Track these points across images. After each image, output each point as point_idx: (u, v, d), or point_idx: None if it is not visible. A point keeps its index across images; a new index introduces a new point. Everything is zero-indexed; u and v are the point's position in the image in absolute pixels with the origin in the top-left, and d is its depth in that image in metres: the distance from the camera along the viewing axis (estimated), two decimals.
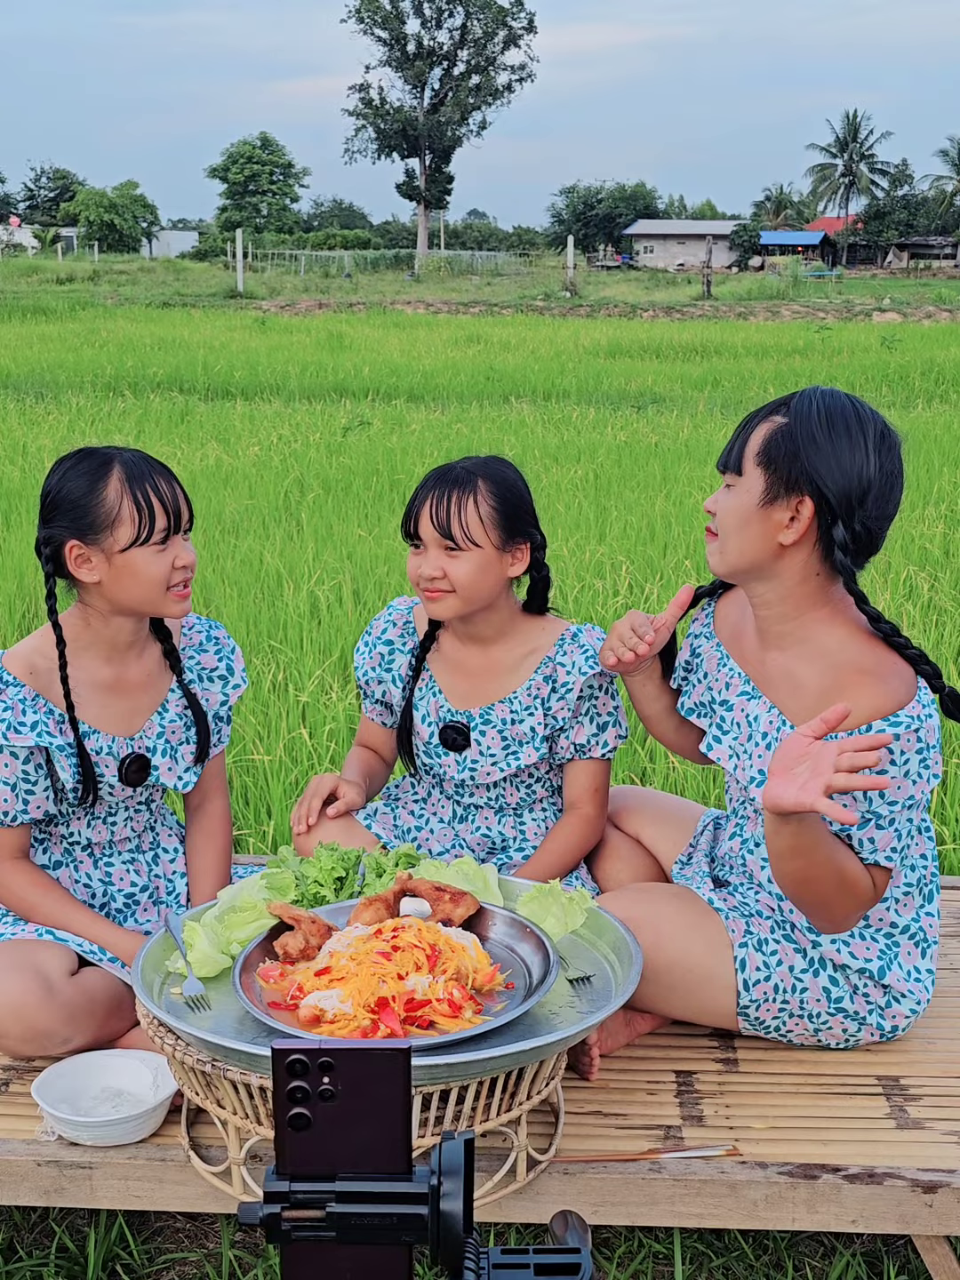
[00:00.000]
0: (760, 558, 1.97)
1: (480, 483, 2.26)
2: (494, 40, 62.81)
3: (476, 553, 2.25)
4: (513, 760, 2.38)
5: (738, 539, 1.97)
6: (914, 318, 25.69)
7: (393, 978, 1.70)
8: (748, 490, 1.96)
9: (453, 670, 2.42)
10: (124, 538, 2.04)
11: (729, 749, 2.11)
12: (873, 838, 1.91)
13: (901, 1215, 1.80)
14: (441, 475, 2.28)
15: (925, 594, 5.60)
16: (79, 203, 69.45)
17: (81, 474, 2.06)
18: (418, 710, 2.43)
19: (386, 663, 2.46)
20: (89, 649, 2.15)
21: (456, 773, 2.41)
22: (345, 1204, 0.90)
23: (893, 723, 1.88)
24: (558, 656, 2.36)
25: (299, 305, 29.04)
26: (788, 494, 1.93)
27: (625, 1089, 2.02)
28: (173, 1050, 1.71)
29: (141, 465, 2.07)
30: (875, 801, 1.89)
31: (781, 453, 1.92)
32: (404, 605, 2.50)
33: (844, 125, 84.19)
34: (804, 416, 1.93)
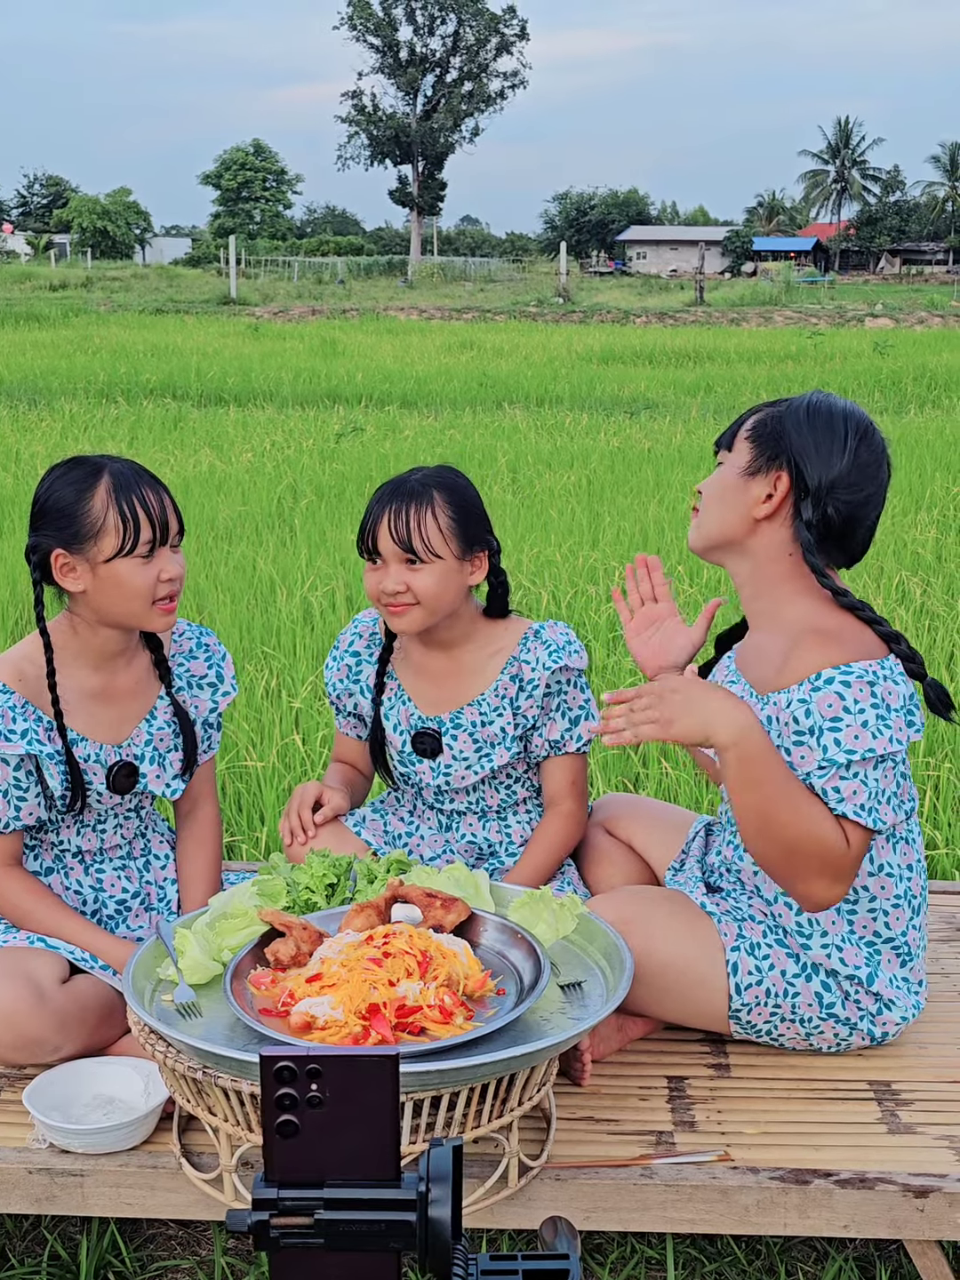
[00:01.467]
0: (735, 530, 2.05)
1: (435, 494, 2.27)
2: (486, 47, 62.90)
3: (438, 564, 2.26)
4: (485, 763, 2.38)
5: (717, 509, 2.07)
6: (906, 323, 25.76)
7: (384, 984, 1.70)
8: (733, 464, 2.07)
9: (420, 677, 2.42)
10: (108, 548, 2.04)
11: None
12: (836, 786, 1.89)
13: (893, 1220, 1.80)
14: (395, 489, 2.28)
15: (917, 599, 5.62)
16: (72, 209, 69.49)
17: (70, 483, 2.06)
18: (388, 720, 2.44)
19: (354, 674, 2.47)
20: (77, 657, 2.15)
21: (432, 779, 2.41)
22: (333, 1211, 0.90)
23: (843, 671, 1.90)
24: (522, 655, 2.36)
25: (292, 312, 29.06)
26: (768, 467, 2.02)
27: (617, 1094, 2.02)
28: (164, 1057, 1.70)
29: (130, 475, 2.07)
30: (830, 750, 1.88)
31: (768, 430, 2.04)
32: (369, 618, 2.50)
33: (836, 131, 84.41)
34: (795, 405, 2.06)
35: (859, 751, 1.89)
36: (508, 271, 53.18)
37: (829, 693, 1.90)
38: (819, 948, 2.05)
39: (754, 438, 2.05)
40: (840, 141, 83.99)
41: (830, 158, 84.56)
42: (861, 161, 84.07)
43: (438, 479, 2.30)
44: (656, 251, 74.67)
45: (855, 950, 2.06)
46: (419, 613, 2.27)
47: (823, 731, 1.89)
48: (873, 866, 2.05)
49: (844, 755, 1.89)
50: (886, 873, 2.06)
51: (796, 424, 2.02)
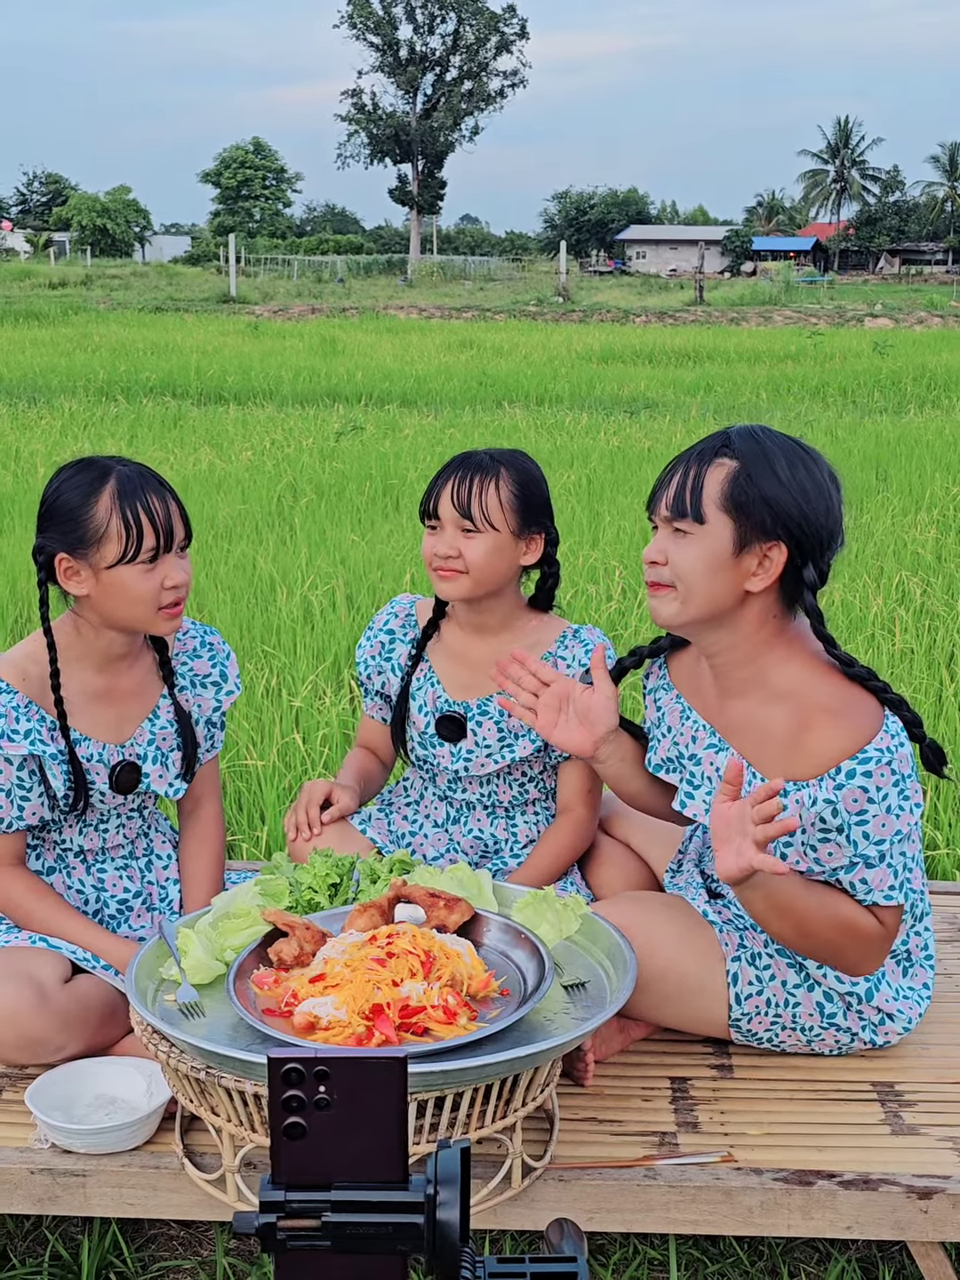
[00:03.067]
0: (725, 607, 1.92)
1: (503, 469, 2.31)
2: (486, 46, 62.84)
3: (492, 535, 2.28)
4: (508, 753, 2.38)
5: (706, 589, 1.90)
6: (906, 323, 25.76)
7: (387, 984, 1.69)
8: (714, 539, 1.89)
9: (453, 660, 2.43)
10: (111, 555, 2.02)
11: (703, 804, 2.07)
12: (864, 878, 1.90)
13: (896, 1221, 1.80)
14: (465, 459, 2.33)
15: (917, 599, 5.61)
16: (71, 207, 69.47)
17: (77, 486, 2.04)
18: (414, 699, 2.44)
19: (387, 652, 2.47)
20: (81, 657, 2.14)
21: (451, 763, 2.41)
22: (341, 1213, 0.90)
23: (862, 760, 1.86)
24: (559, 651, 2.37)
25: (292, 310, 29.04)
26: (759, 539, 1.88)
27: (620, 1095, 2.02)
28: (167, 1057, 1.70)
29: (136, 481, 2.04)
30: (860, 844, 1.89)
31: (749, 498, 1.87)
32: (406, 600, 2.52)
33: (835, 131, 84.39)
34: (758, 458, 1.89)
35: (887, 840, 1.89)
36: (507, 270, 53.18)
37: (853, 788, 1.87)
38: (815, 966, 2.04)
39: (732, 509, 1.87)
40: (840, 141, 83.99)
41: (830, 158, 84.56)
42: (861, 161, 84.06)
43: (508, 457, 2.34)
44: (656, 251, 74.67)
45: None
46: (466, 581, 2.30)
47: (850, 828, 1.88)
48: None
49: (874, 849, 1.89)
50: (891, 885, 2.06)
51: (776, 482, 1.86)
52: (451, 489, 2.29)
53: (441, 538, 2.30)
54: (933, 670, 4.77)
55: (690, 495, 1.90)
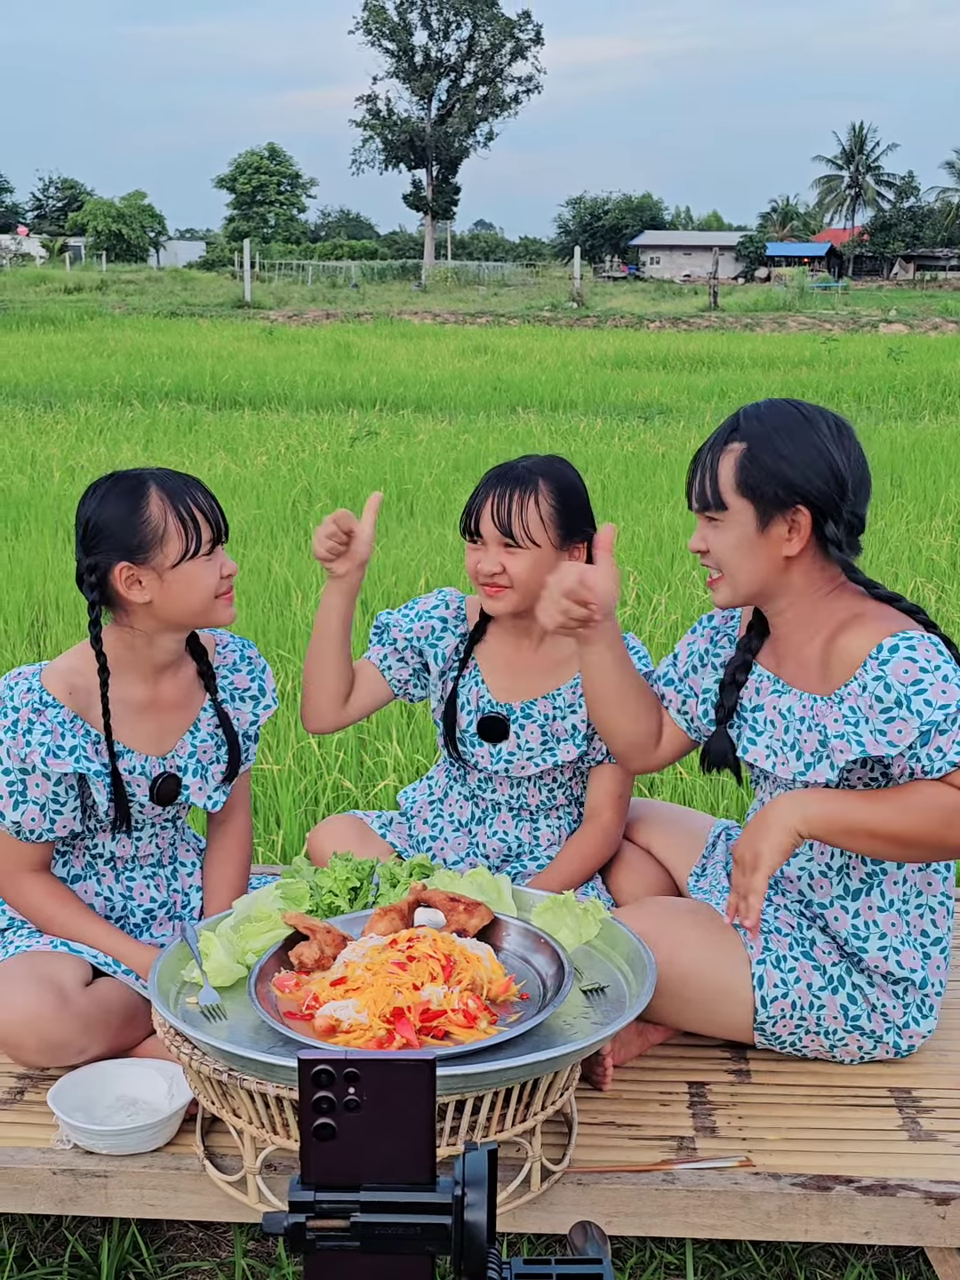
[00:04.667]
0: (770, 577, 2.01)
1: (541, 482, 2.29)
2: (501, 52, 62.94)
3: (535, 551, 2.28)
4: (549, 756, 2.39)
5: (748, 568, 2.00)
6: (920, 329, 25.71)
7: (408, 988, 1.70)
8: (739, 522, 1.99)
9: (498, 663, 2.43)
10: (174, 553, 2.05)
11: (766, 748, 2.09)
12: (939, 746, 1.87)
13: (914, 1227, 1.80)
14: (503, 474, 2.31)
15: (933, 605, 5.61)
16: (87, 212, 69.70)
17: (119, 497, 2.06)
18: (460, 695, 2.44)
19: (434, 637, 2.45)
20: (128, 670, 2.15)
21: (490, 764, 2.41)
22: (369, 1214, 0.91)
23: (904, 638, 1.90)
24: None
25: (306, 315, 29.11)
26: (780, 511, 1.96)
27: (638, 1100, 2.03)
28: (189, 1059, 1.71)
29: (177, 481, 2.09)
30: (925, 712, 1.86)
31: (757, 477, 1.96)
32: (455, 595, 2.51)
33: (850, 137, 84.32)
34: (760, 436, 1.97)
35: (952, 704, 1.87)
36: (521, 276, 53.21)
37: (899, 660, 1.89)
38: (876, 950, 2.04)
39: (747, 491, 1.97)
40: (854, 147, 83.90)
41: (844, 163, 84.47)
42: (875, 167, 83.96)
43: (545, 467, 2.32)
44: (670, 256, 74.66)
45: (912, 953, 2.06)
46: (513, 596, 2.30)
47: (910, 699, 1.88)
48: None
49: (940, 713, 1.87)
50: (934, 869, 2.07)
51: (777, 454, 1.95)
52: (491, 507, 2.27)
53: (485, 555, 2.29)
54: None
55: (709, 485, 2.00)
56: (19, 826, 2.08)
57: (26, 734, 2.05)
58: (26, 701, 2.07)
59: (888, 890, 2.05)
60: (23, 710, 2.06)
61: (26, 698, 2.07)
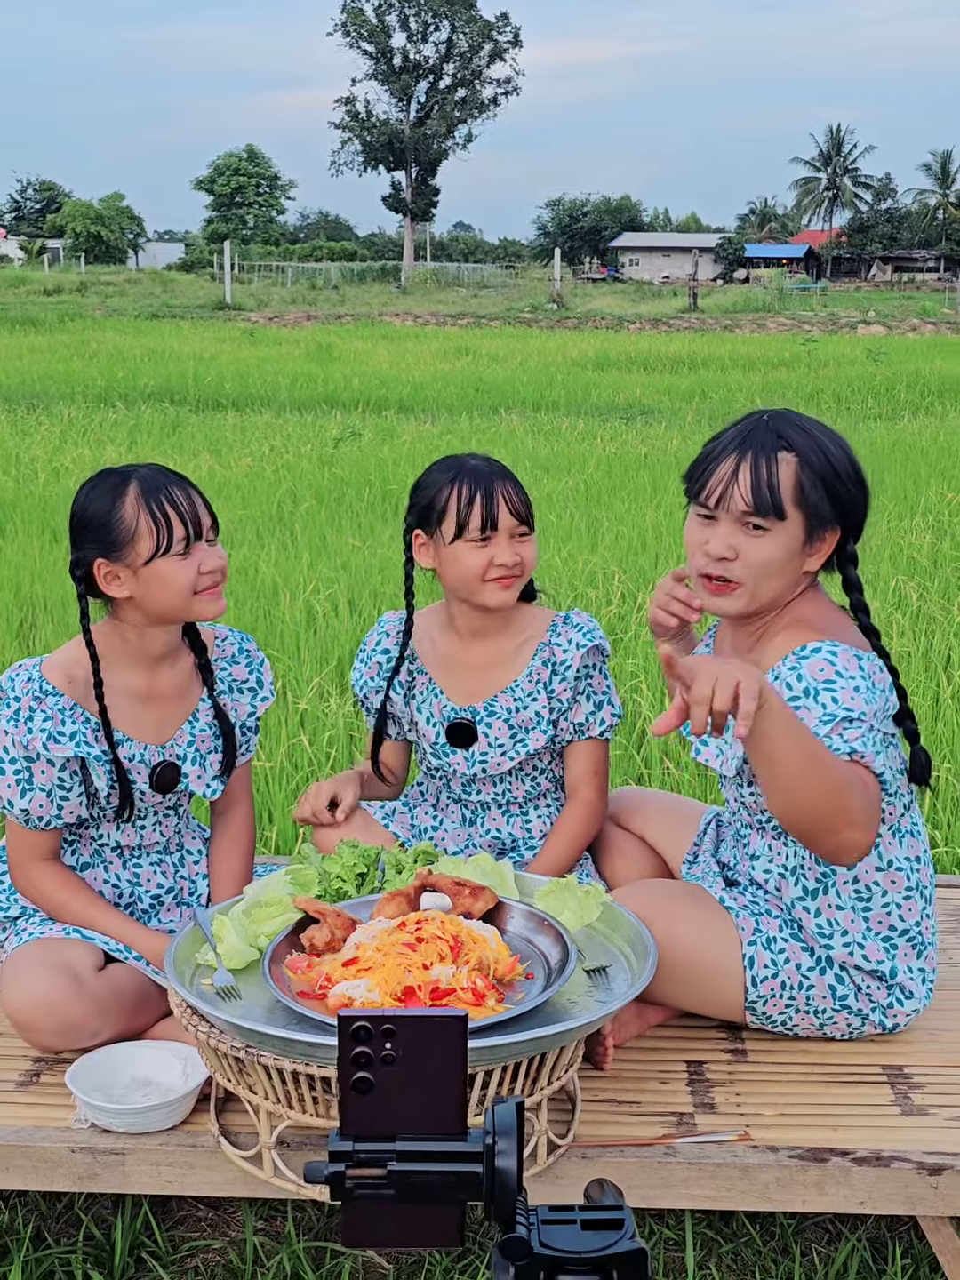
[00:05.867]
0: (787, 591, 2.05)
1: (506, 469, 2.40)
2: (480, 54, 63.04)
3: (532, 535, 2.39)
4: (521, 748, 2.44)
5: (778, 581, 2.01)
6: (899, 330, 25.89)
7: (418, 968, 1.76)
8: (790, 534, 1.99)
9: (452, 669, 2.48)
10: (145, 550, 2.09)
11: (715, 748, 2.15)
12: (841, 733, 1.86)
13: (908, 1197, 1.86)
14: (481, 472, 2.35)
15: (914, 603, 5.68)
16: (65, 214, 69.50)
17: (101, 494, 2.12)
18: (420, 713, 2.49)
19: (385, 673, 2.51)
20: (123, 661, 2.20)
21: (467, 769, 2.47)
22: (405, 1163, 0.96)
23: (829, 645, 1.93)
24: (553, 639, 2.43)
25: (287, 317, 29.11)
26: (825, 527, 2.01)
27: (638, 1078, 2.08)
28: (207, 1037, 1.76)
29: (157, 478, 2.13)
30: (829, 706, 1.87)
31: (817, 493, 1.98)
32: (393, 618, 2.56)
33: (828, 139, 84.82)
34: (813, 450, 1.99)
35: (856, 710, 1.88)
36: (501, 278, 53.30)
37: (819, 659, 1.93)
38: (841, 947, 2.10)
39: (804, 504, 1.98)
40: (832, 149, 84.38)
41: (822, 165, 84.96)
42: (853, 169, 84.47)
43: (491, 459, 2.42)
44: (649, 258, 74.90)
45: (876, 946, 2.12)
46: (518, 584, 2.38)
47: (818, 691, 1.90)
48: (881, 862, 2.10)
49: (843, 710, 1.87)
50: (896, 867, 2.12)
51: (835, 477, 1.98)
52: (503, 498, 2.33)
53: (501, 548, 2.33)
54: (930, 673, 4.84)
55: (770, 493, 1.97)
56: (27, 814, 2.13)
57: (28, 721, 2.10)
58: (27, 690, 2.12)
59: (841, 890, 2.10)
60: (24, 699, 2.11)
61: (27, 687, 2.13)
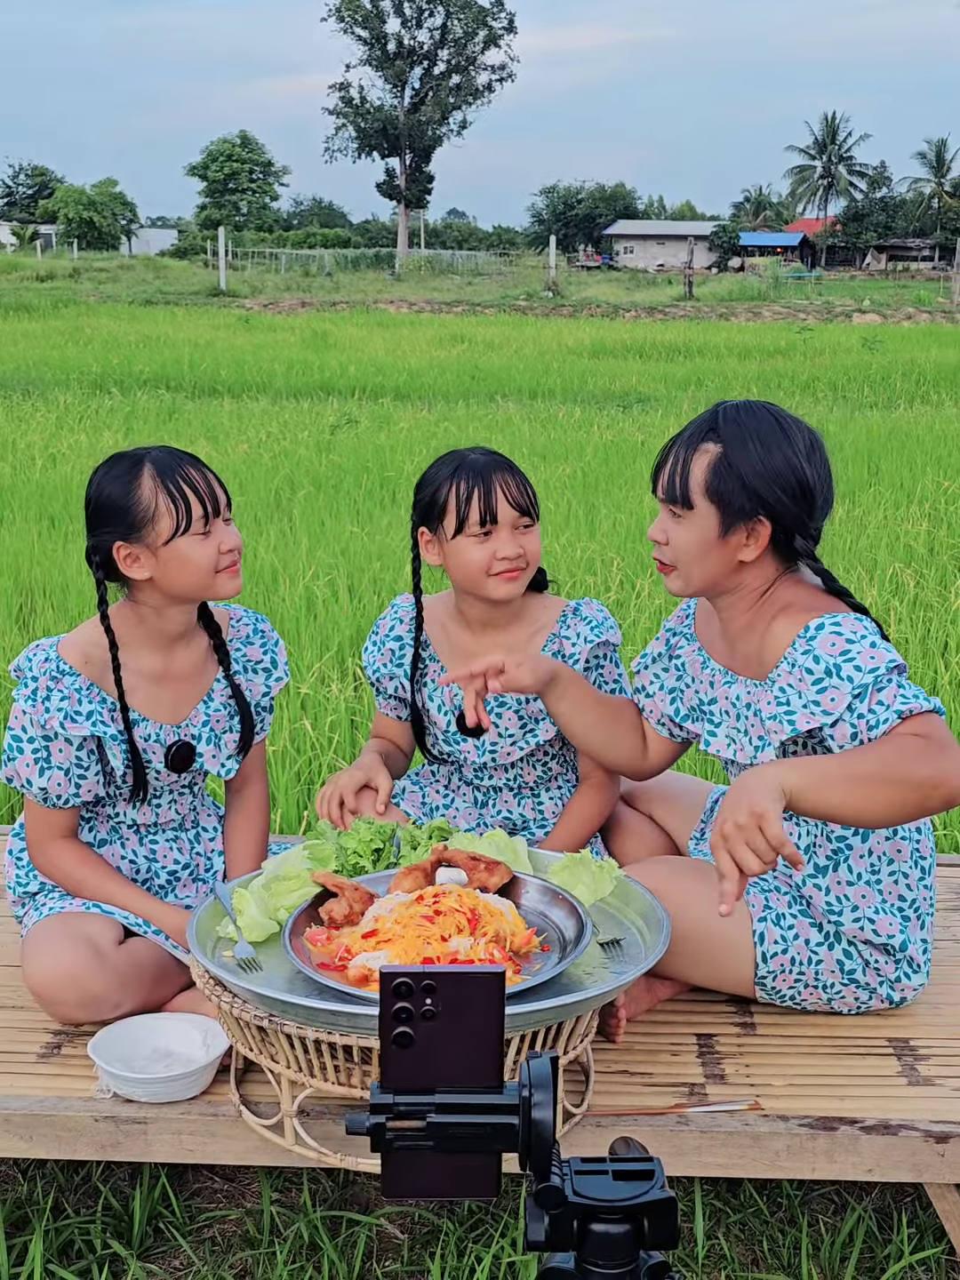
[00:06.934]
0: (723, 577, 2.10)
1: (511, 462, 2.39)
2: (474, 40, 62.83)
3: (536, 526, 2.39)
4: (531, 738, 2.46)
5: (699, 568, 2.08)
6: (894, 319, 25.91)
7: (437, 939, 1.79)
8: (701, 525, 2.05)
9: (463, 659, 2.49)
10: (165, 530, 2.12)
11: (726, 738, 2.19)
12: (879, 700, 1.91)
13: (915, 1165, 1.90)
14: (483, 465, 2.35)
15: (911, 590, 5.72)
16: (58, 200, 69.22)
17: (115, 478, 2.14)
18: (432, 701, 2.51)
19: (398, 658, 2.53)
20: (141, 641, 2.23)
21: (477, 757, 2.49)
22: (444, 1115, 0.99)
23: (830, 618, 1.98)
24: (562, 631, 2.45)
25: (282, 304, 29.06)
26: (744, 520, 2.03)
27: (650, 1050, 2.12)
28: (230, 1007, 1.79)
29: (171, 459, 2.15)
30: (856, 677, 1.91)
31: (728, 485, 2.01)
32: (406, 602, 2.57)
33: (823, 127, 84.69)
34: (737, 443, 2.02)
35: (881, 666, 1.94)
36: (495, 265, 53.22)
37: (826, 635, 1.97)
38: (851, 922, 2.13)
39: (715, 497, 2.01)
40: (827, 137, 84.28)
41: (817, 153, 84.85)
42: (848, 157, 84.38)
43: (493, 452, 2.40)
44: (643, 246, 74.81)
45: (887, 919, 2.15)
46: (525, 576, 2.38)
47: (839, 667, 1.95)
48: (888, 830, 2.13)
49: (869, 676, 1.93)
50: (900, 835, 2.15)
51: (750, 465, 1.99)
52: (502, 490, 2.32)
53: (503, 541, 2.33)
54: (928, 660, 4.88)
55: (679, 482, 2.05)
56: (46, 793, 2.16)
57: (45, 701, 2.13)
58: (44, 670, 2.15)
59: (855, 864, 2.13)
60: (41, 679, 2.14)
61: (44, 667, 2.15)
